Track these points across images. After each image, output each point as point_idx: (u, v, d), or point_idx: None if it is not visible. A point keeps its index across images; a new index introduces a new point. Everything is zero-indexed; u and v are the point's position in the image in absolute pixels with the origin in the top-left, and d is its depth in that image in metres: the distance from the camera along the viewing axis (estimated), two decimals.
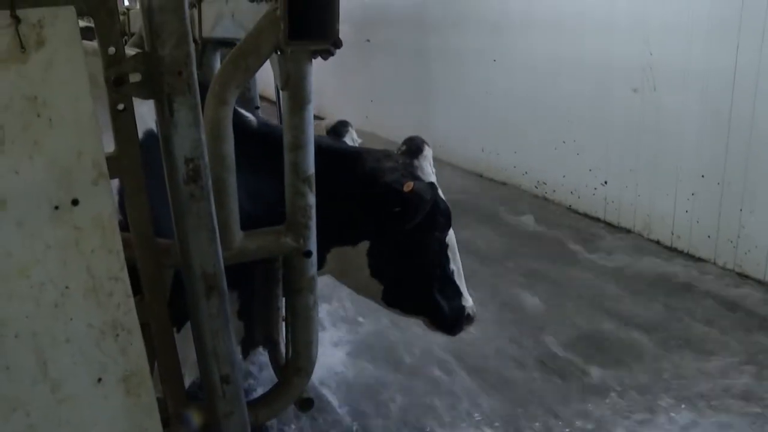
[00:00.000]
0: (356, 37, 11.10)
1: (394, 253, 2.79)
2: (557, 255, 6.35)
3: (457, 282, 2.99)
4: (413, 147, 2.89)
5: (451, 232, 2.94)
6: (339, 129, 3.53)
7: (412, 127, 10.63)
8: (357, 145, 3.58)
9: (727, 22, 5.63)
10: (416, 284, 2.91)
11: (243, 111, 2.70)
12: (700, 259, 6.21)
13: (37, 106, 1.40)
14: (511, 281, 5.75)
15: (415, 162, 2.84)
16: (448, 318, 3.00)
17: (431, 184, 2.74)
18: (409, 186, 2.58)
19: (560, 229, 7.04)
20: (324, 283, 2.80)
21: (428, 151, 2.93)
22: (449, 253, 2.94)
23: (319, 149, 2.59)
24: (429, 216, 2.70)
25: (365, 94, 12.00)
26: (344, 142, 3.01)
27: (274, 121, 4.40)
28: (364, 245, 2.77)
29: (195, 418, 2.03)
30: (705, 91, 5.94)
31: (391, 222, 2.67)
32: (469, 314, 3.03)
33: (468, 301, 3.02)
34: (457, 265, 2.98)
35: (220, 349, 1.93)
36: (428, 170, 2.88)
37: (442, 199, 2.85)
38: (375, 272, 2.81)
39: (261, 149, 2.44)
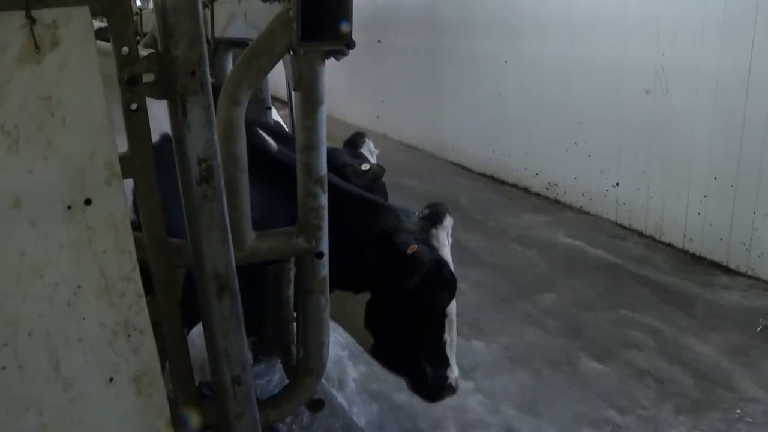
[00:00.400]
0: (367, 38, 11.11)
1: (391, 311, 2.81)
2: None
3: (448, 353, 2.98)
4: (434, 214, 2.89)
5: (452, 303, 2.94)
6: (355, 140, 3.54)
7: (423, 128, 10.69)
8: (374, 154, 3.61)
9: (741, 21, 5.59)
10: (406, 347, 2.92)
11: (265, 135, 2.73)
12: (713, 263, 6.19)
13: (51, 106, 1.40)
14: None
15: (433, 230, 2.84)
16: (429, 386, 3.00)
17: (433, 250, 2.76)
18: (412, 249, 2.64)
19: None
20: None
21: (448, 222, 2.92)
22: (446, 323, 2.94)
23: (349, 196, 2.75)
24: (431, 285, 2.75)
25: (376, 95, 12.01)
26: (380, 198, 3.02)
27: (286, 121, 4.41)
28: (365, 296, 2.80)
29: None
30: (718, 92, 5.91)
31: (391, 280, 2.71)
32: (451, 384, 3.01)
33: (453, 372, 3.00)
34: (451, 336, 2.97)
35: (232, 350, 1.93)
36: (444, 240, 2.88)
37: (449, 271, 2.85)
38: (369, 324, 2.84)
39: (278, 176, 2.48)
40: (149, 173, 1.67)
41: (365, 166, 3.32)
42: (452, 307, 2.93)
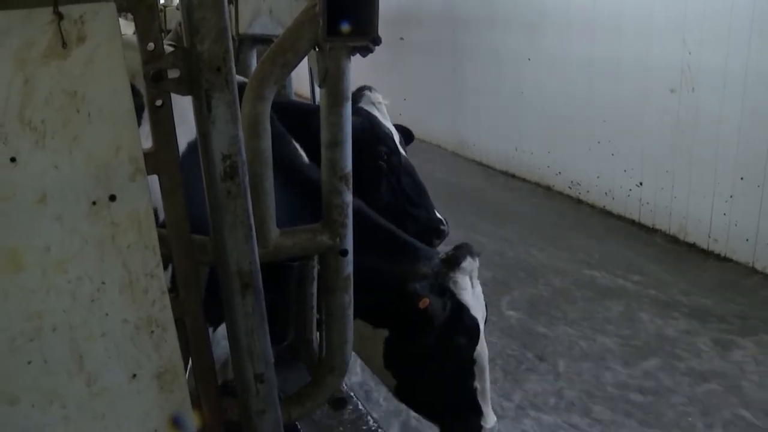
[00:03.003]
0: (390, 36, 11.08)
1: (410, 354, 2.71)
2: None
3: (479, 400, 2.78)
4: (453, 257, 2.70)
5: (483, 349, 2.78)
6: (353, 96, 3.35)
7: (445, 126, 10.65)
8: (381, 105, 3.47)
9: None
10: (430, 393, 2.79)
11: (297, 146, 2.69)
12: (738, 264, 6.12)
13: (77, 101, 1.40)
14: None
15: (451, 273, 2.68)
16: None
17: (448, 299, 2.64)
18: (424, 303, 2.54)
19: None
20: None
21: (469, 264, 2.72)
22: (475, 370, 2.76)
23: (369, 225, 2.67)
24: (450, 332, 2.64)
25: (398, 93, 11.98)
26: (402, 234, 2.87)
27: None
28: (383, 332, 2.72)
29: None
30: (745, 90, 5.83)
31: (405, 326, 2.65)
32: None
33: (488, 422, 2.80)
34: (482, 384, 2.79)
35: (255, 348, 1.92)
36: (464, 284, 2.70)
37: (470, 317, 2.69)
38: (388, 364, 2.75)
39: (306, 186, 2.45)
40: (174, 169, 1.66)
41: None
42: (482, 352, 2.77)
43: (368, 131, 3.41)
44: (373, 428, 3.63)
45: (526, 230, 7.27)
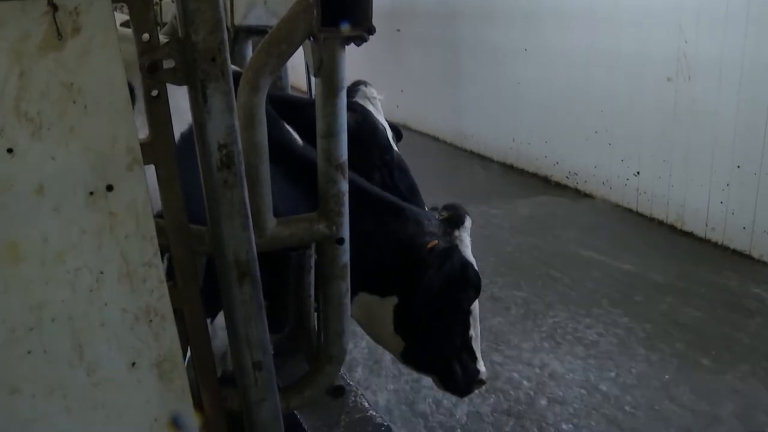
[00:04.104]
0: (386, 27, 11.08)
1: (419, 314, 2.81)
2: None
3: (474, 347, 2.97)
4: (455, 216, 2.87)
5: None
6: (349, 91, 3.38)
7: (442, 118, 10.65)
8: (376, 101, 3.51)
9: (765, 7, 5.52)
10: (437, 347, 2.92)
11: (291, 129, 2.70)
12: (734, 252, 6.13)
13: (73, 92, 1.41)
14: None
15: (455, 232, 2.83)
16: (461, 381, 3.00)
17: (456, 250, 2.77)
18: (432, 243, 2.69)
19: None
20: None
21: (469, 223, 2.90)
22: (471, 320, 2.93)
23: (371, 198, 2.74)
24: (458, 285, 2.76)
25: (396, 85, 11.99)
26: (400, 201, 2.97)
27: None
28: (392, 300, 2.81)
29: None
30: (742, 78, 5.84)
31: (417, 283, 2.73)
32: (481, 379, 3.01)
33: (481, 365, 3.00)
34: (476, 331, 2.97)
35: (253, 336, 1.93)
36: (466, 241, 2.86)
37: (474, 271, 2.83)
38: (398, 329, 2.84)
39: (302, 171, 2.47)
40: (170, 159, 1.67)
41: None
42: (475, 303, 2.92)
43: (362, 126, 3.41)
44: (372, 416, 3.64)
45: (523, 220, 7.29)
